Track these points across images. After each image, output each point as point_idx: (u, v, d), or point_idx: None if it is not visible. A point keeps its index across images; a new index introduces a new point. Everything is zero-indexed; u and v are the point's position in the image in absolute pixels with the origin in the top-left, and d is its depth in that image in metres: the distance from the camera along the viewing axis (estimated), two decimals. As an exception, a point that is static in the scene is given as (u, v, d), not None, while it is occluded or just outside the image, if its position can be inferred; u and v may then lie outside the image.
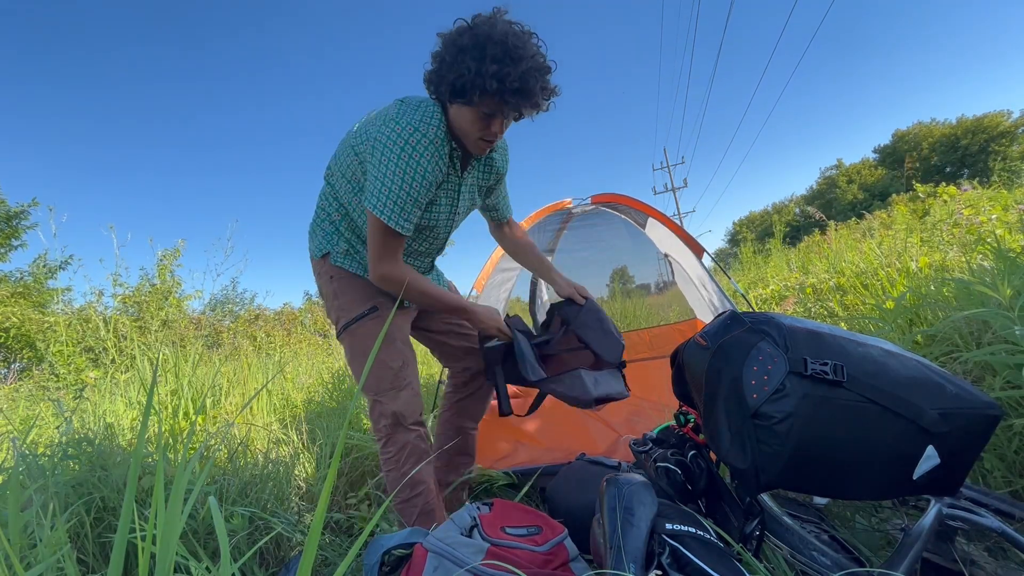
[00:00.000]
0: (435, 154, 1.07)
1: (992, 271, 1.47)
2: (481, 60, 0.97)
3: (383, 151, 1.05)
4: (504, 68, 0.97)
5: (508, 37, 0.98)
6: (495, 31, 0.98)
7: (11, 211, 9.62)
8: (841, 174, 40.44)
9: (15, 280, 8.31)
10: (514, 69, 0.97)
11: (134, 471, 0.51)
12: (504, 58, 0.97)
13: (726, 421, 0.86)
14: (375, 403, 1.25)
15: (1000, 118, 31.41)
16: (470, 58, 0.98)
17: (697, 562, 0.77)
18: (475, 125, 1.07)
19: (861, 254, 3.80)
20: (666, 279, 3.82)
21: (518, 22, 1.03)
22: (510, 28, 1.00)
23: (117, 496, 1.31)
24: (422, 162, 1.05)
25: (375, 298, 1.25)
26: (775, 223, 8.84)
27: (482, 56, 0.97)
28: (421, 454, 1.22)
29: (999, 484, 1.15)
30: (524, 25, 1.03)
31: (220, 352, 4.36)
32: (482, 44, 0.98)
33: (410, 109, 1.07)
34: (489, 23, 1.01)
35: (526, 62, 0.98)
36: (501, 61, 0.97)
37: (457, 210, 1.25)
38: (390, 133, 1.05)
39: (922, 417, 0.77)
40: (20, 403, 2.95)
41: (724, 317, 1.00)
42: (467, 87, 1.00)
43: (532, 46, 1.01)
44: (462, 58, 0.99)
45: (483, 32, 0.99)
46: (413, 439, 1.22)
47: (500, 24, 1.00)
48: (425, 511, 1.21)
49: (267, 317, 7.82)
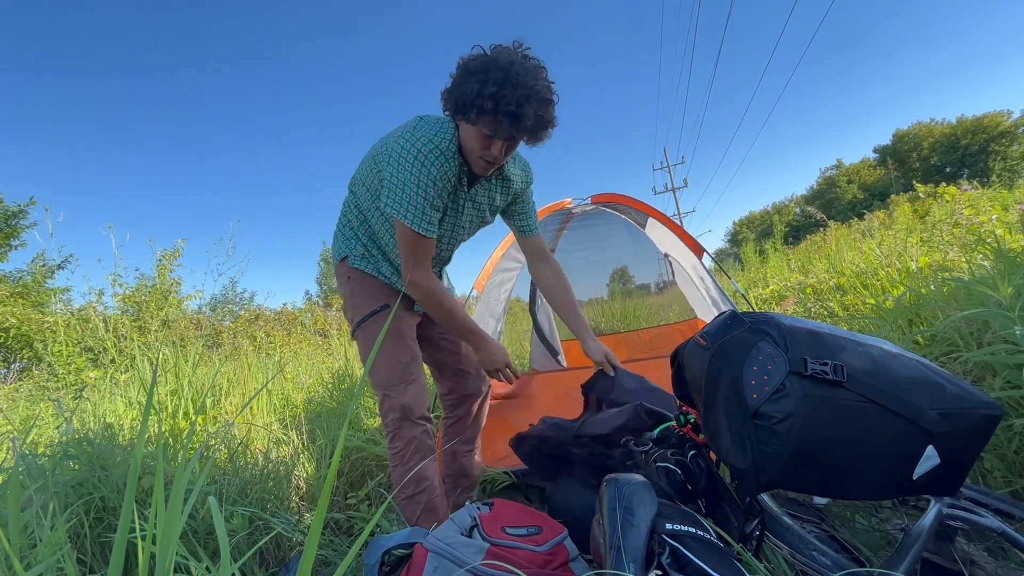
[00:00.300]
0: (444, 164, 1.14)
1: (992, 271, 1.47)
2: (484, 82, 1.04)
3: (399, 160, 1.13)
4: (502, 91, 1.03)
5: (513, 65, 1.05)
6: (502, 58, 1.06)
7: (9, 210, 9.62)
8: (841, 174, 40.48)
9: (15, 280, 8.31)
10: (511, 93, 1.03)
11: (134, 471, 0.51)
12: (504, 82, 1.04)
13: (726, 421, 0.86)
14: (384, 397, 1.29)
15: (1000, 118, 31.44)
16: (475, 79, 1.06)
17: (697, 562, 0.77)
18: (476, 144, 1.13)
19: (861, 254, 3.80)
20: (666, 279, 3.82)
21: (534, 56, 1.10)
22: (517, 58, 1.07)
23: (117, 496, 1.31)
24: (432, 169, 1.13)
25: (387, 297, 1.33)
26: (775, 223, 8.82)
27: (485, 78, 1.05)
28: (427, 450, 1.26)
29: (999, 484, 1.15)
30: (538, 60, 1.10)
31: (220, 352, 4.36)
32: (487, 68, 1.05)
33: (425, 124, 1.16)
34: (500, 51, 1.08)
35: (524, 89, 1.04)
36: (501, 84, 1.04)
37: (461, 223, 1.32)
38: (405, 144, 1.13)
39: (922, 417, 0.77)
40: (20, 403, 2.95)
41: (724, 317, 1.00)
42: (468, 105, 1.08)
43: (536, 77, 1.07)
44: (468, 79, 1.07)
45: (491, 58, 1.07)
46: (419, 434, 1.26)
47: (510, 54, 1.07)
48: (429, 508, 1.24)
49: (267, 317, 7.83)
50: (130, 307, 4.93)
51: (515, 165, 1.34)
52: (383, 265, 1.35)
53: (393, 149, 1.14)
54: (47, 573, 0.76)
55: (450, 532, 1.00)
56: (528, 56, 1.09)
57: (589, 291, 4.38)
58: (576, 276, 4.04)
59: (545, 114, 1.09)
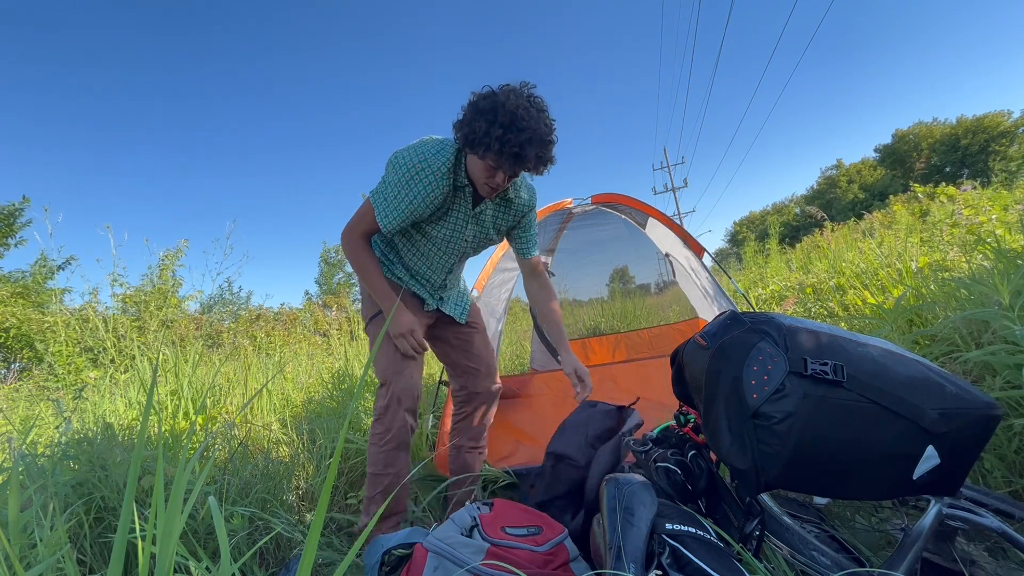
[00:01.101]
0: (432, 183, 1.26)
1: (992, 271, 1.47)
2: (492, 123, 1.15)
3: (395, 168, 1.28)
4: (508, 134, 1.14)
5: (518, 109, 1.15)
6: (509, 101, 1.15)
7: (4, 210, 9.63)
8: (841, 174, 40.44)
9: (15, 280, 8.31)
10: (516, 137, 1.14)
11: (134, 471, 0.51)
12: (510, 126, 1.14)
13: (726, 421, 0.86)
14: (382, 385, 1.40)
15: (1000, 118, 31.42)
16: (483, 119, 1.16)
17: (697, 562, 0.77)
18: (482, 173, 1.25)
19: (861, 254, 3.80)
20: (666, 279, 3.82)
21: (538, 98, 1.21)
22: (523, 101, 1.17)
23: (117, 496, 1.31)
24: (419, 185, 1.26)
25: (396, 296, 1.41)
26: (771, 224, 8.81)
27: (493, 120, 1.15)
28: (402, 443, 1.36)
29: (999, 484, 1.15)
30: (542, 102, 1.21)
31: (220, 352, 4.35)
32: (495, 110, 1.15)
33: (429, 144, 1.28)
34: (508, 93, 1.18)
35: (527, 133, 1.15)
36: (507, 128, 1.14)
37: (464, 237, 1.42)
38: (405, 156, 1.27)
39: (922, 417, 0.77)
40: (20, 403, 2.95)
41: (724, 317, 1.00)
42: (476, 142, 1.19)
43: (539, 120, 1.17)
44: (478, 118, 1.17)
45: (500, 100, 1.16)
46: (400, 424, 1.36)
47: (516, 97, 1.17)
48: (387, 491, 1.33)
49: (267, 317, 7.83)
50: (130, 307, 4.93)
51: (522, 189, 1.45)
52: (398, 268, 1.47)
53: (397, 158, 1.28)
54: (47, 573, 0.76)
55: (450, 532, 1.00)
56: (533, 98, 1.20)
57: (589, 291, 4.38)
58: (576, 276, 4.04)
59: (545, 154, 1.21)
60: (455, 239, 1.41)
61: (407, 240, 1.43)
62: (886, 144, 38.55)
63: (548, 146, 1.20)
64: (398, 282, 1.47)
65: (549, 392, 2.54)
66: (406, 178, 1.26)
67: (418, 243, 1.42)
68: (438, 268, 1.47)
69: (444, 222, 1.37)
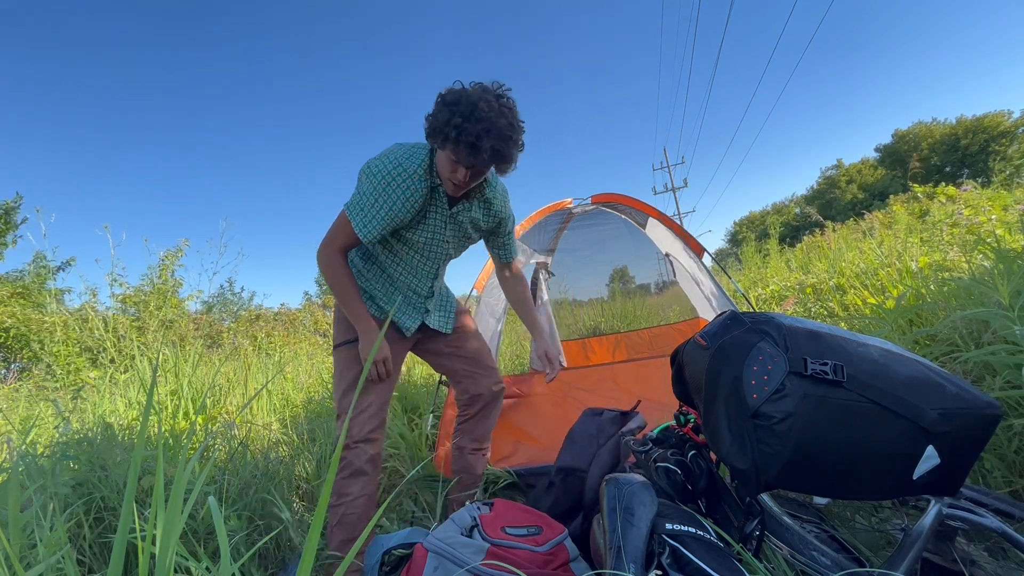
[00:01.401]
0: (410, 187, 1.27)
1: (992, 271, 1.47)
2: (452, 113, 1.15)
3: (370, 176, 1.27)
4: (465, 123, 1.14)
5: (480, 102, 1.14)
6: (473, 94, 1.16)
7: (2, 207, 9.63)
8: (841, 174, 40.44)
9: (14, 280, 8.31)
10: (472, 127, 1.14)
11: (134, 471, 0.51)
12: (469, 116, 1.14)
13: (726, 421, 0.86)
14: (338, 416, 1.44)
15: (1000, 118, 31.40)
16: (447, 110, 1.16)
17: (697, 562, 0.77)
18: (446, 167, 1.24)
19: (861, 254, 3.80)
20: (666, 279, 3.82)
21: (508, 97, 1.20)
22: (489, 96, 1.16)
23: (117, 496, 1.31)
24: (396, 191, 1.26)
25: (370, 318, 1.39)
26: (771, 224, 8.81)
27: (453, 110, 1.15)
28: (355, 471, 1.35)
29: (999, 484, 1.15)
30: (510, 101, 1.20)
31: (220, 352, 4.35)
32: (458, 101, 1.16)
33: (401, 149, 1.28)
34: (477, 88, 1.18)
35: (485, 124, 1.14)
36: (466, 117, 1.14)
37: (444, 238, 1.41)
38: (379, 164, 1.27)
39: (922, 417, 0.77)
40: (20, 403, 2.95)
41: (724, 317, 1.00)
42: (437, 132, 1.18)
43: (502, 115, 1.16)
44: (443, 108, 1.17)
45: (465, 93, 1.17)
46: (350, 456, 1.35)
47: (482, 92, 1.17)
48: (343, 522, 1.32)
49: (267, 317, 7.83)
50: (130, 307, 4.93)
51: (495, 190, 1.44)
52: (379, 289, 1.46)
53: (369, 167, 1.28)
54: (47, 573, 0.76)
55: (450, 532, 1.00)
56: (501, 96, 1.19)
57: (589, 291, 4.38)
58: (576, 276, 4.04)
59: (503, 148, 1.18)
60: (436, 241, 1.41)
61: (388, 252, 1.42)
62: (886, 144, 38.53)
63: (507, 142, 1.18)
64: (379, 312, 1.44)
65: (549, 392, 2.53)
66: (383, 185, 1.25)
67: (400, 253, 1.41)
68: (423, 275, 1.47)
69: (423, 226, 1.37)
